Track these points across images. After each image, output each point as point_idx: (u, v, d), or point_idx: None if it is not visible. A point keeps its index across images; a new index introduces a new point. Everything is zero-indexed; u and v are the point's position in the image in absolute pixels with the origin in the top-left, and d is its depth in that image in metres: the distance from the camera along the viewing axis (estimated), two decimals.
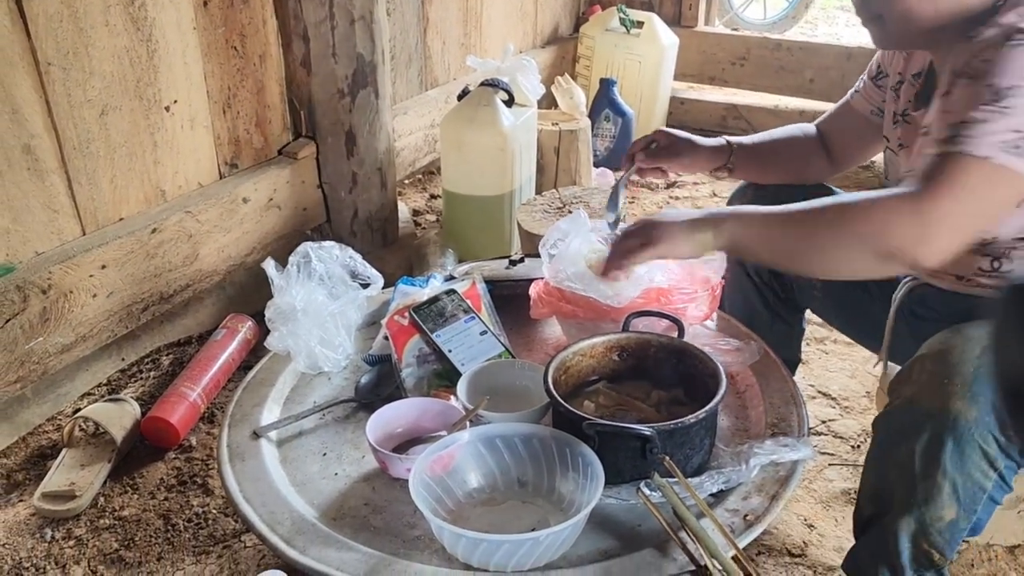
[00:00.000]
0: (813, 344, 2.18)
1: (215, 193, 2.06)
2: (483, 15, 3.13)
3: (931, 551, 1.15)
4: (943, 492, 1.10)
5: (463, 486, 1.17)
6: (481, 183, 2.44)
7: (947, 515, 1.12)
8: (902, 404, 1.14)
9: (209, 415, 1.88)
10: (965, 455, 1.08)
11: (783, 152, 1.62)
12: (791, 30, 5.25)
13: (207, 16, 1.96)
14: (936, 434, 1.09)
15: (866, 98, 1.54)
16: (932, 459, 1.09)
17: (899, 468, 1.13)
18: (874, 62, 1.51)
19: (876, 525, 1.19)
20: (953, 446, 1.08)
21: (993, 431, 1.07)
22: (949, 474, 1.09)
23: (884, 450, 1.17)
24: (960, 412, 1.07)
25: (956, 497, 1.11)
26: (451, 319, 1.46)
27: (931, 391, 1.10)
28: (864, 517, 1.22)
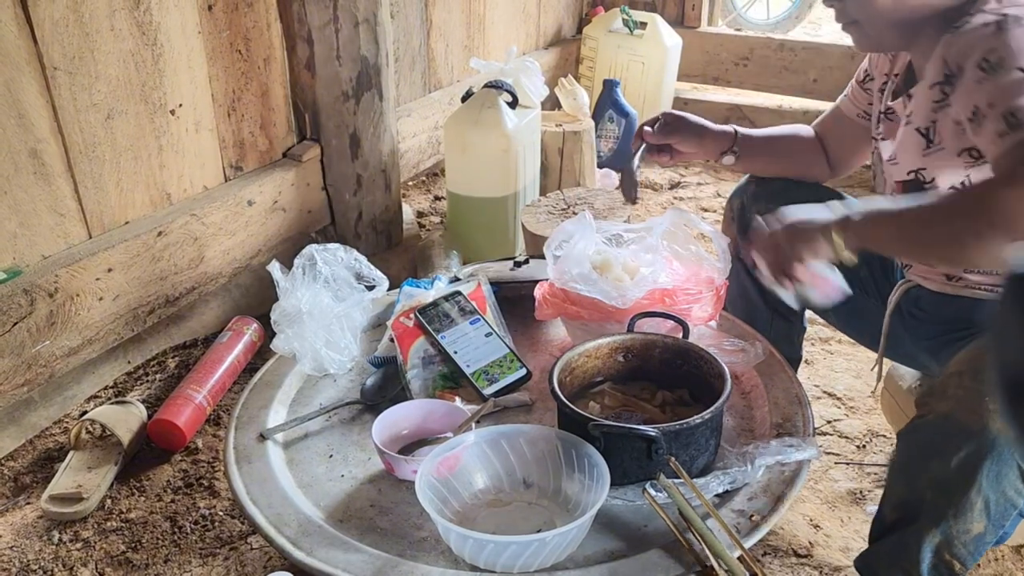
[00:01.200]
0: (818, 344, 2.18)
1: (220, 196, 2.07)
2: (486, 17, 3.13)
3: (953, 561, 1.15)
4: (975, 508, 1.10)
5: (469, 487, 1.18)
6: (485, 185, 2.44)
7: (975, 529, 1.12)
8: (936, 419, 1.12)
9: (215, 417, 1.89)
10: (1002, 474, 1.08)
11: (789, 148, 1.63)
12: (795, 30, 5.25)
13: (211, 20, 1.97)
14: (975, 452, 1.08)
15: (853, 101, 1.55)
16: (968, 476, 1.09)
17: (932, 482, 1.12)
18: (862, 67, 1.53)
19: (898, 532, 1.18)
20: (991, 465, 1.07)
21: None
22: (984, 492, 1.09)
23: (916, 461, 1.15)
24: (1001, 432, 1.06)
25: (987, 513, 1.11)
26: (456, 321, 1.46)
27: (969, 408, 1.08)
28: (886, 523, 1.21)
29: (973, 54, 1.12)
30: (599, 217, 2.11)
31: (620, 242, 1.56)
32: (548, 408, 1.36)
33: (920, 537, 1.15)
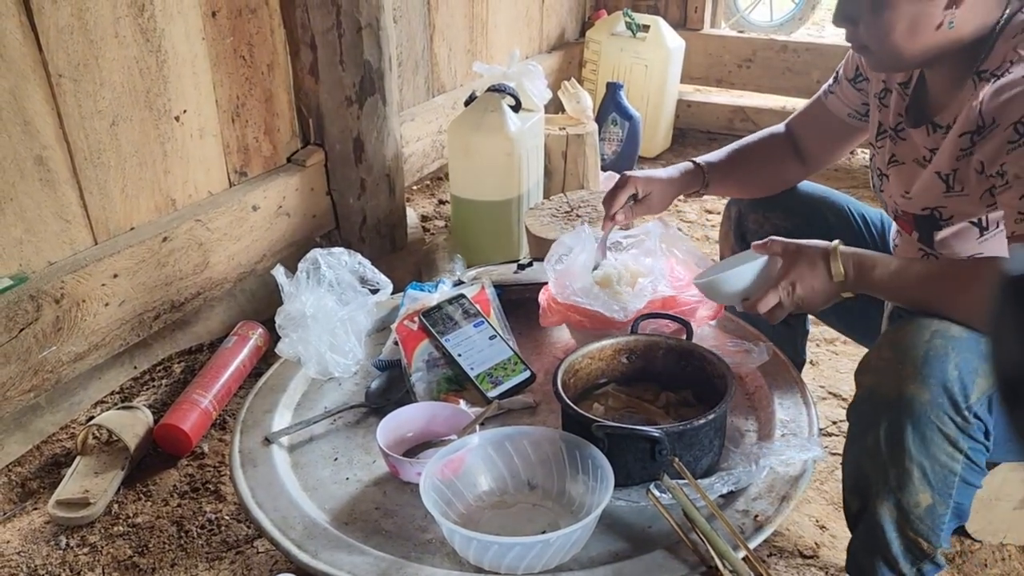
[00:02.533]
0: (823, 345, 2.18)
1: (225, 201, 2.07)
2: (489, 21, 3.14)
3: (917, 539, 1.17)
4: (913, 477, 1.12)
5: (473, 489, 1.18)
6: (489, 188, 2.44)
7: (923, 500, 1.14)
8: (863, 393, 1.16)
9: (221, 422, 1.89)
10: (927, 439, 1.10)
11: (756, 162, 1.60)
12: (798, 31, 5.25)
13: (215, 26, 1.98)
14: (895, 420, 1.11)
15: (843, 100, 1.52)
16: (896, 445, 1.12)
17: (869, 456, 1.15)
18: (851, 63, 1.49)
19: (863, 518, 1.20)
20: (913, 430, 1.10)
21: (948, 412, 1.09)
22: (915, 458, 1.11)
23: (855, 440, 1.18)
24: (914, 395, 1.09)
25: (927, 481, 1.12)
26: (460, 324, 1.46)
27: (887, 378, 1.12)
28: (852, 513, 1.23)
29: (1012, 113, 1.10)
30: (596, 223, 2.11)
31: (619, 248, 1.57)
32: (552, 410, 1.36)
33: (877, 517, 1.17)
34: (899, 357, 1.12)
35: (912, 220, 1.33)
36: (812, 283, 1.23)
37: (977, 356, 1.09)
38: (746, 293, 1.28)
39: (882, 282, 1.20)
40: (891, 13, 1.16)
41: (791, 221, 1.58)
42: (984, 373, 1.09)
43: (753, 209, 1.62)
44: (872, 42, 1.22)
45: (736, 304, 1.31)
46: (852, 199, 1.63)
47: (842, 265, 1.21)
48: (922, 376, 1.08)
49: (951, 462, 1.12)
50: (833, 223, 1.58)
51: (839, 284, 1.22)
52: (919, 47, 1.19)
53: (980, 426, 1.11)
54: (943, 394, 1.08)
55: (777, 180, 1.60)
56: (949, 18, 1.16)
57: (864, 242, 1.58)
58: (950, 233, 1.27)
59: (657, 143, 3.55)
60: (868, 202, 1.67)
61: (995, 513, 1.49)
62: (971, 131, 1.18)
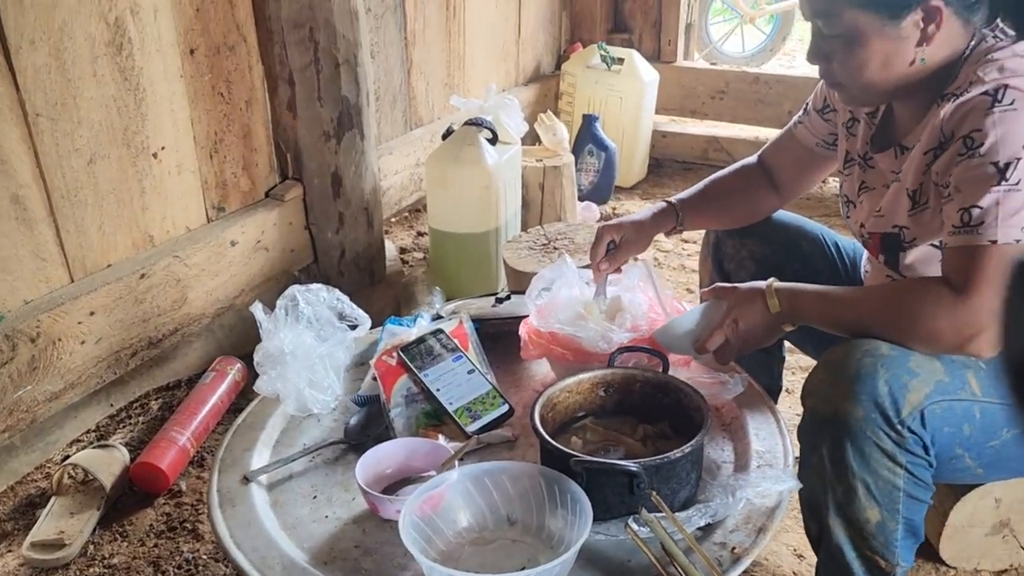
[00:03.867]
0: (799, 373, 2.20)
1: (203, 237, 2.08)
2: (466, 56, 3.18)
3: (875, 557, 1.20)
4: (859, 493, 1.16)
5: (453, 525, 1.18)
6: (467, 220, 2.46)
7: (872, 517, 1.17)
8: (806, 415, 1.20)
9: (199, 459, 1.88)
10: (866, 454, 1.14)
11: (731, 195, 1.64)
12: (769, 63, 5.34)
13: (193, 64, 2.00)
14: (836, 438, 1.15)
15: (811, 130, 1.56)
16: (839, 462, 1.15)
17: (818, 476, 1.19)
18: (819, 94, 1.53)
19: (823, 542, 1.23)
20: (852, 447, 1.14)
21: (882, 427, 1.13)
22: (858, 474, 1.15)
23: (804, 462, 1.22)
24: (848, 413, 1.13)
25: (873, 497, 1.16)
26: (439, 358, 1.47)
27: (823, 398, 1.17)
28: (813, 537, 1.26)
29: (963, 126, 1.15)
30: (579, 251, 2.14)
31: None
32: (531, 444, 1.36)
33: (834, 537, 1.20)
34: (832, 377, 1.17)
35: (879, 243, 1.37)
36: (753, 319, 1.29)
37: (906, 372, 1.14)
38: (694, 336, 1.35)
39: (814, 311, 1.26)
40: (864, 51, 1.21)
41: (767, 248, 1.62)
42: (914, 388, 1.13)
43: (730, 236, 1.65)
44: (846, 79, 1.26)
45: (688, 349, 1.37)
46: (826, 228, 1.67)
47: (777, 299, 1.27)
48: (854, 394, 1.13)
49: (893, 476, 1.16)
50: (807, 251, 1.62)
51: (777, 317, 1.28)
52: (891, 82, 1.24)
53: (916, 440, 1.15)
54: (875, 410, 1.12)
55: (752, 211, 1.64)
56: (920, 55, 1.21)
57: (836, 269, 1.62)
58: (915, 257, 1.31)
59: (633, 173, 3.60)
60: (839, 230, 1.70)
61: (968, 539, 1.51)
62: (934, 147, 1.22)
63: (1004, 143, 1.10)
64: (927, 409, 1.15)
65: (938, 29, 1.18)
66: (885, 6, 1.17)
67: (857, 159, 1.43)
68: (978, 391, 1.20)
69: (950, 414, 1.17)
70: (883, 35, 1.19)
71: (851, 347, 1.18)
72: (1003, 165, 1.10)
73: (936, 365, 1.17)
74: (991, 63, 1.17)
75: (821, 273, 1.59)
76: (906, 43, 1.19)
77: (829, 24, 1.22)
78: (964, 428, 1.19)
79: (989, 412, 1.21)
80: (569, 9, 3.87)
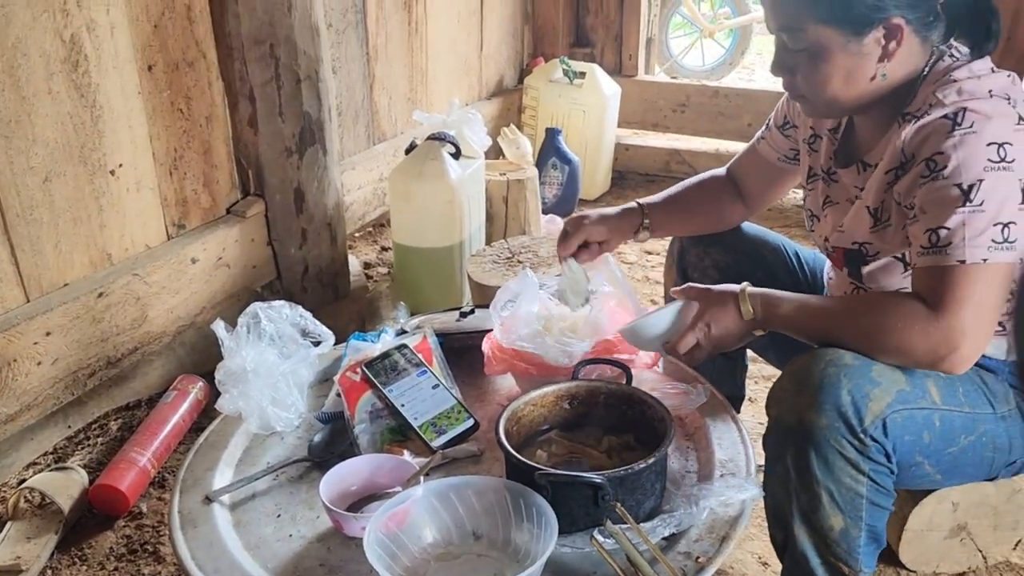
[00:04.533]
0: (762, 382, 2.23)
1: (163, 254, 2.05)
2: (428, 70, 3.19)
3: (838, 564, 1.22)
4: (823, 501, 1.18)
5: (418, 541, 1.17)
6: (431, 235, 2.46)
7: (836, 524, 1.19)
8: (771, 424, 1.23)
9: (160, 479, 1.85)
10: (829, 462, 1.16)
11: (698, 202, 1.67)
12: (729, 76, 5.43)
13: (152, 80, 1.98)
14: (800, 447, 1.17)
15: (772, 145, 1.60)
16: (803, 471, 1.17)
17: (782, 484, 1.21)
18: (780, 111, 1.57)
19: (787, 549, 1.25)
20: (816, 455, 1.16)
21: (846, 436, 1.15)
22: (822, 482, 1.17)
23: (769, 471, 1.24)
24: (812, 422, 1.15)
25: (837, 505, 1.18)
26: (403, 373, 1.46)
27: (788, 407, 1.19)
28: (779, 545, 1.28)
29: (925, 149, 1.18)
30: (543, 264, 2.15)
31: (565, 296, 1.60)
32: (497, 458, 1.36)
33: (799, 545, 1.22)
34: (796, 387, 1.19)
35: (842, 256, 1.40)
36: (725, 323, 1.30)
37: (868, 382, 1.16)
38: (665, 337, 1.35)
39: (787, 318, 1.28)
40: (828, 66, 1.24)
41: (730, 257, 1.64)
42: (876, 397, 1.16)
43: (694, 245, 1.68)
44: (809, 92, 1.29)
45: (657, 349, 1.38)
46: (787, 239, 1.70)
47: (751, 305, 1.29)
48: (818, 403, 1.15)
49: (856, 484, 1.18)
50: (770, 260, 1.65)
51: (750, 322, 1.30)
52: (853, 97, 1.27)
53: (879, 448, 1.17)
54: (838, 419, 1.15)
55: (718, 220, 1.67)
56: (882, 71, 1.24)
57: (798, 277, 1.65)
58: (877, 267, 1.34)
59: (597, 186, 3.62)
60: (801, 240, 1.74)
61: (927, 544, 1.54)
62: (895, 167, 1.25)
63: (966, 165, 1.13)
64: (889, 418, 1.17)
65: (899, 46, 1.22)
66: (849, 22, 1.20)
67: (821, 174, 1.46)
68: (938, 400, 1.22)
69: (911, 422, 1.20)
70: (846, 51, 1.22)
71: (815, 357, 1.20)
72: (967, 187, 1.13)
73: (897, 375, 1.19)
74: (950, 84, 1.21)
75: (783, 282, 1.62)
76: (868, 59, 1.23)
77: (794, 38, 1.25)
78: (924, 436, 1.21)
79: (948, 420, 1.23)
80: (531, 24, 3.90)
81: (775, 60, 1.31)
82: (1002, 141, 1.14)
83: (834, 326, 1.24)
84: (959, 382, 1.25)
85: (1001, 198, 1.13)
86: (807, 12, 1.21)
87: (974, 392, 1.27)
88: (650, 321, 1.36)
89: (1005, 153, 1.13)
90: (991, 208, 1.13)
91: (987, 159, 1.13)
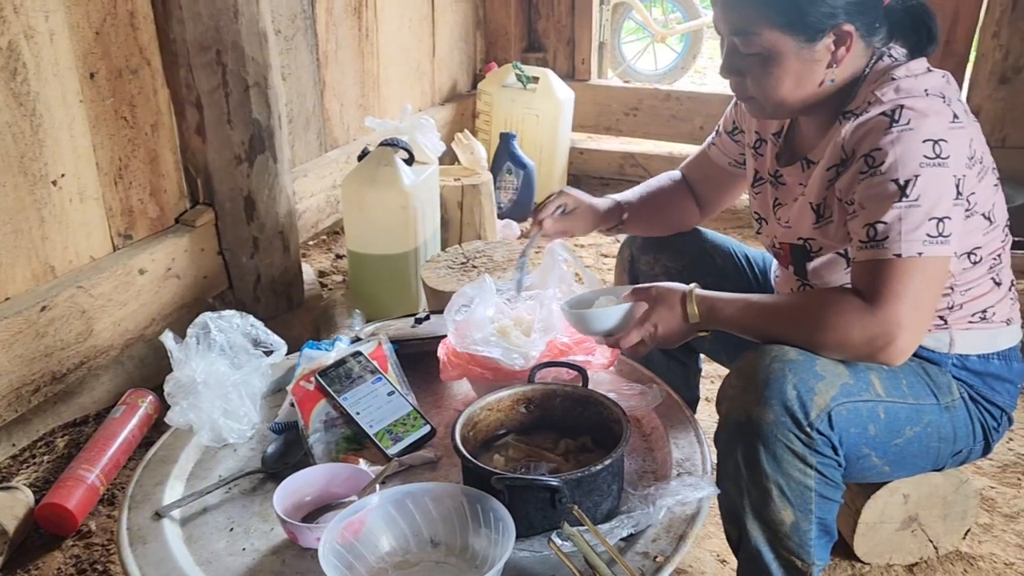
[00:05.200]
0: (717, 382, 2.25)
1: (109, 266, 2.00)
2: (380, 76, 3.17)
3: (791, 558, 1.23)
4: (773, 495, 1.20)
5: (375, 551, 1.16)
6: (385, 242, 2.44)
7: (786, 518, 1.21)
8: (721, 421, 1.25)
9: (110, 497, 1.80)
10: (778, 457, 1.18)
11: (663, 206, 1.69)
12: (682, 79, 5.49)
13: (94, 88, 1.93)
14: (749, 442, 1.19)
15: (722, 151, 1.63)
16: (753, 466, 1.19)
17: (733, 481, 1.22)
18: (728, 117, 1.60)
19: (742, 546, 1.26)
20: (764, 450, 1.18)
21: (792, 430, 1.17)
22: (771, 477, 1.19)
23: (721, 468, 1.25)
24: (760, 417, 1.17)
25: (786, 498, 1.20)
26: (358, 381, 1.45)
27: (736, 404, 1.21)
28: (733, 541, 1.29)
29: (863, 145, 1.20)
30: (498, 269, 2.14)
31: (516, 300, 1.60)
32: (454, 464, 1.36)
33: (752, 540, 1.23)
34: (744, 383, 1.21)
35: (788, 252, 1.42)
36: (671, 323, 1.32)
37: (813, 376, 1.18)
38: (610, 331, 1.37)
39: (730, 319, 1.29)
40: (779, 70, 1.26)
41: (680, 262, 1.66)
42: (820, 391, 1.18)
43: (644, 251, 1.69)
44: (758, 94, 1.31)
45: (599, 340, 1.40)
46: (736, 241, 1.72)
47: (696, 307, 1.30)
48: (764, 398, 1.17)
49: (804, 478, 1.20)
50: (720, 264, 1.67)
51: (695, 324, 1.31)
52: (801, 100, 1.30)
53: (825, 441, 1.19)
54: (785, 413, 1.17)
55: (680, 221, 1.70)
56: (830, 76, 1.27)
57: (747, 280, 1.67)
58: (821, 264, 1.36)
59: (552, 190, 3.62)
60: (750, 242, 1.76)
61: (880, 536, 1.57)
62: (836, 164, 1.28)
63: (903, 161, 1.16)
64: (834, 411, 1.19)
65: (848, 52, 1.25)
66: (802, 29, 1.22)
67: (767, 177, 1.48)
68: (882, 392, 1.25)
69: (855, 415, 1.22)
70: (798, 56, 1.24)
71: (761, 354, 1.21)
72: (903, 182, 1.16)
73: (841, 368, 1.21)
74: (888, 83, 1.23)
75: (733, 285, 1.63)
76: (818, 65, 1.26)
77: (746, 43, 1.27)
78: (869, 428, 1.23)
79: (892, 412, 1.26)
80: (483, 29, 3.90)
81: (725, 63, 1.32)
82: (938, 138, 1.17)
83: (776, 323, 1.26)
84: (902, 374, 1.28)
85: (937, 193, 1.16)
86: (762, 17, 1.23)
87: (917, 384, 1.30)
88: (597, 316, 1.37)
89: (940, 150, 1.16)
90: (927, 203, 1.15)
91: (923, 155, 1.16)
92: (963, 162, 1.19)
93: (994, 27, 2.98)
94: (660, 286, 1.35)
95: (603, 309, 1.38)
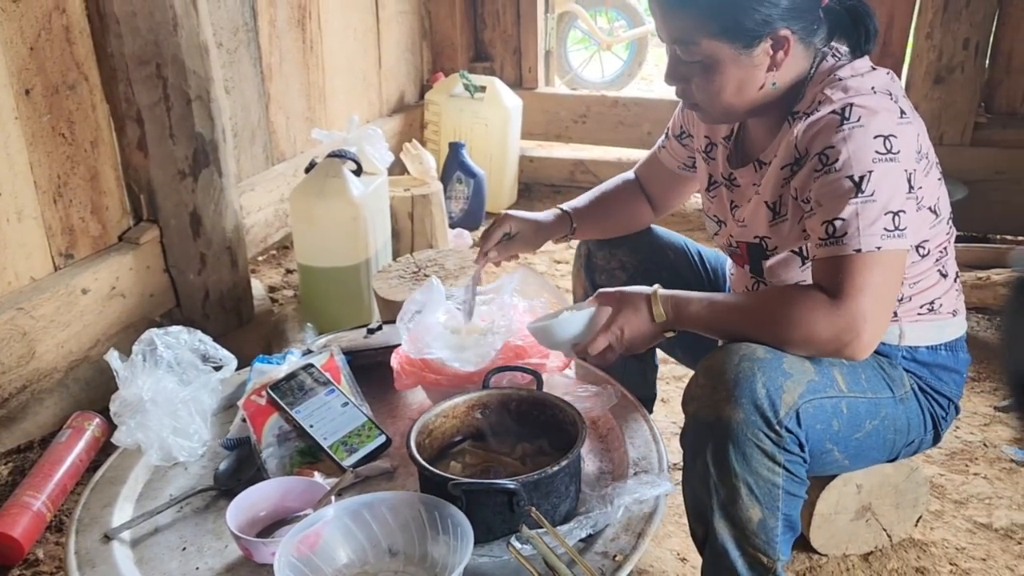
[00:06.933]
0: (672, 383, 2.27)
1: (50, 286, 1.95)
2: (326, 87, 3.15)
3: (757, 554, 1.24)
4: (741, 493, 1.20)
5: (332, 563, 1.14)
6: (335, 254, 2.42)
7: (754, 516, 1.21)
8: (688, 421, 1.24)
9: (57, 523, 1.75)
10: (747, 455, 1.18)
11: (616, 207, 1.71)
12: (628, 86, 5.55)
13: (30, 104, 1.88)
14: (718, 442, 1.19)
15: (672, 154, 1.66)
16: (722, 465, 1.19)
17: (701, 480, 1.22)
18: (677, 121, 1.62)
19: (707, 543, 1.26)
20: (734, 449, 1.18)
21: (762, 428, 1.18)
22: (740, 475, 1.19)
23: (688, 467, 1.25)
24: (730, 416, 1.18)
25: (755, 496, 1.20)
26: (310, 394, 1.43)
27: (705, 403, 1.21)
28: (699, 539, 1.29)
29: (816, 144, 1.22)
30: (450, 277, 2.14)
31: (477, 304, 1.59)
32: (411, 473, 1.34)
33: (718, 538, 1.24)
34: (713, 383, 1.21)
35: (745, 251, 1.44)
36: (638, 325, 1.32)
37: (781, 375, 1.19)
38: (576, 339, 1.35)
39: (698, 318, 1.30)
40: (720, 77, 1.28)
41: (636, 258, 1.68)
42: (788, 389, 1.19)
43: (600, 248, 1.70)
44: (703, 100, 1.33)
45: (566, 350, 1.38)
46: (690, 240, 1.74)
47: (662, 307, 1.30)
48: (734, 397, 1.17)
49: (773, 476, 1.20)
50: (673, 259, 1.69)
51: (661, 324, 1.31)
52: (746, 103, 1.32)
53: (793, 439, 1.20)
54: (755, 412, 1.17)
55: (633, 223, 1.71)
56: (771, 79, 1.29)
57: (700, 276, 1.69)
58: (777, 262, 1.38)
59: (504, 198, 3.64)
60: (702, 242, 1.78)
61: (835, 527, 1.59)
62: (790, 163, 1.30)
63: (856, 158, 1.18)
64: (801, 408, 1.20)
65: (786, 56, 1.27)
66: (738, 36, 1.24)
67: (722, 180, 1.50)
68: (844, 388, 1.27)
69: (820, 411, 1.23)
70: (737, 62, 1.26)
71: (728, 352, 1.22)
72: (858, 178, 1.18)
73: (807, 365, 1.23)
74: (836, 83, 1.26)
75: (687, 280, 1.66)
76: (758, 70, 1.28)
77: (687, 51, 1.29)
78: (833, 424, 1.25)
79: (853, 406, 1.28)
80: (429, 39, 3.90)
81: (669, 70, 1.34)
82: (888, 134, 1.19)
83: (742, 321, 1.27)
84: (861, 369, 1.30)
85: (891, 188, 1.18)
86: (698, 27, 1.25)
87: (875, 378, 1.32)
88: (562, 324, 1.36)
89: (891, 145, 1.19)
90: (882, 198, 1.18)
91: (875, 151, 1.18)
92: (912, 156, 1.22)
93: (927, 28, 3.07)
94: (623, 289, 1.35)
95: (566, 315, 1.36)
